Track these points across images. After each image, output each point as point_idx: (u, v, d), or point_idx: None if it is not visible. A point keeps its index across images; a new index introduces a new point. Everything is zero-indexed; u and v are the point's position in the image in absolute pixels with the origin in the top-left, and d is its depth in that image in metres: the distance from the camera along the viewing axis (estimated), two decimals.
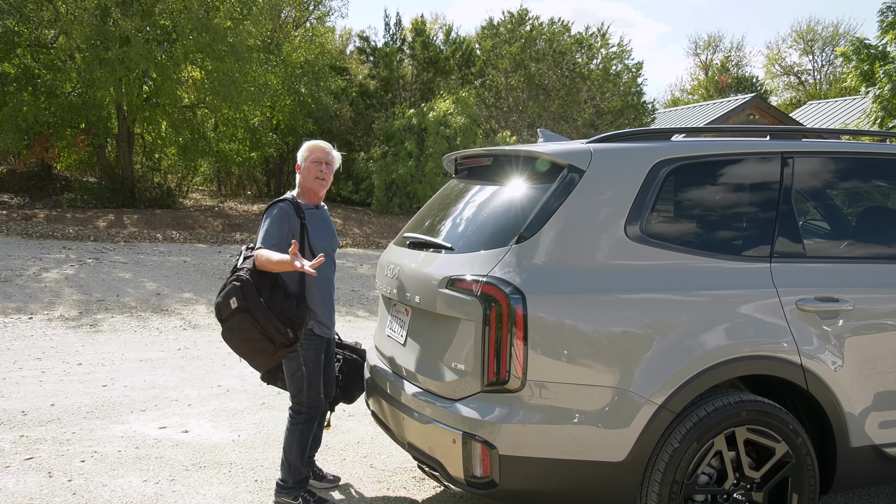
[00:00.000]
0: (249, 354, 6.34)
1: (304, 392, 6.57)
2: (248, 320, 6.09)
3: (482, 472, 5.06)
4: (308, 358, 6.54)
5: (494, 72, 38.30)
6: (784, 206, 5.67)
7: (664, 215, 5.52)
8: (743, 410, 5.21)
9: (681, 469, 5.09)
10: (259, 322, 6.09)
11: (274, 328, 6.11)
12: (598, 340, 5.04)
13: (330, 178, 6.78)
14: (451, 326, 5.43)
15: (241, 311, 6.11)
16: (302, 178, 6.71)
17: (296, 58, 36.04)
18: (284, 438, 6.63)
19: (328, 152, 6.74)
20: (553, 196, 5.32)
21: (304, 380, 6.55)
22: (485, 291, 5.08)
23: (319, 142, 6.83)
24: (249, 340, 6.18)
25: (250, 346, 6.24)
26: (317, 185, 6.68)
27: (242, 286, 6.14)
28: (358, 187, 34.25)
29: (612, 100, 37.97)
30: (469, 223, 6.05)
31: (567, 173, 5.38)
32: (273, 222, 6.40)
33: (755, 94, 47.36)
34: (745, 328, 5.27)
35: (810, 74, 77.38)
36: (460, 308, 5.27)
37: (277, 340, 6.14)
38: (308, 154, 6.69)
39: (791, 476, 5.38)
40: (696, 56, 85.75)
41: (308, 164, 6.66)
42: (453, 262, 5.56)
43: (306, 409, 6.58)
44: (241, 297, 6.10)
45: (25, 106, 26.57)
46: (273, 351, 6.20)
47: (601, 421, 5.01)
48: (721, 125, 30.50)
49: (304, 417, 6.58)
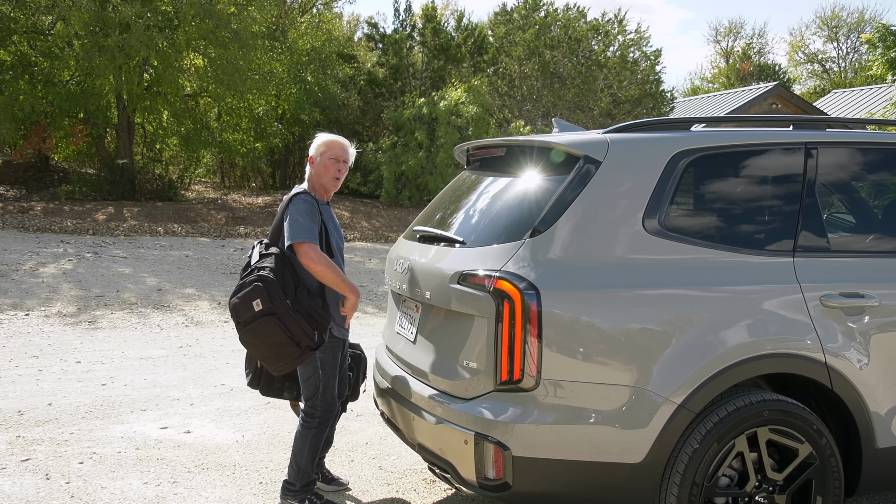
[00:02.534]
0: (272, 358, 6.15)
1: (319, 396, 6.49)
2: (275, 324, 5.94)
3: (495, 474, 5.05)
4: (325, 361, 6.46)
5: (508, 59, 38.24)
6: (808, 199, 5.65)
7: (683, 208, 5.52)
8: (765, 410, 5.20)
9: (701, 471, 5.07)
10: (287, 325, 5.94)
11: (301, 331, 5.99)
12: (615, 338, 5.04)
13: (345, 175, 6.72)
14: (464, 323, 5.43)
15: (266, 314, 5.94)
16: (316, 174, 6.56)
17: (302, 45, 36.05)
18: (295, 441, 6.57)
19: (347, 150, 6.65)
20: (568, 188, 5.31)
21: (320, 383, 6.47)
22: (497, 287, 5.06)
23: (338, 138, 6.70)
24: (273, 344, 6.02)
25: (274, 350, 6.07)
26: (333, 185, 6.59)
27: (267, 287, 5.98)
28: (366, 179, 34.17)
29: (630, 88, 37.89)
30: (482, 216, 6.05)
31: (583, 165, 5.37)
32: (305, 214, 6.25)
33: (778, 83, 47.31)
34: (768, 325, 5.26)
35: (835, 62, 77.22)
36: (472, 304, 5.27)
37: (304, 343, 6.02)
38: (326, 150, 6.55)
39: (815, 478, 5.36)
40: (716, 43, 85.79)
41: (326, 161, 6.52)
42: (465, 257, 5.56)
43: (321, 412, 6.51)
44: (267, 298, 5.93)
45: (22, 95, 26.52)
46: (298, 354, 6.07)
47: (618, 421, 5.00)
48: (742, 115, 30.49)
49: (317, 421, 6.51)
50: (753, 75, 72.25)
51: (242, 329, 6.09)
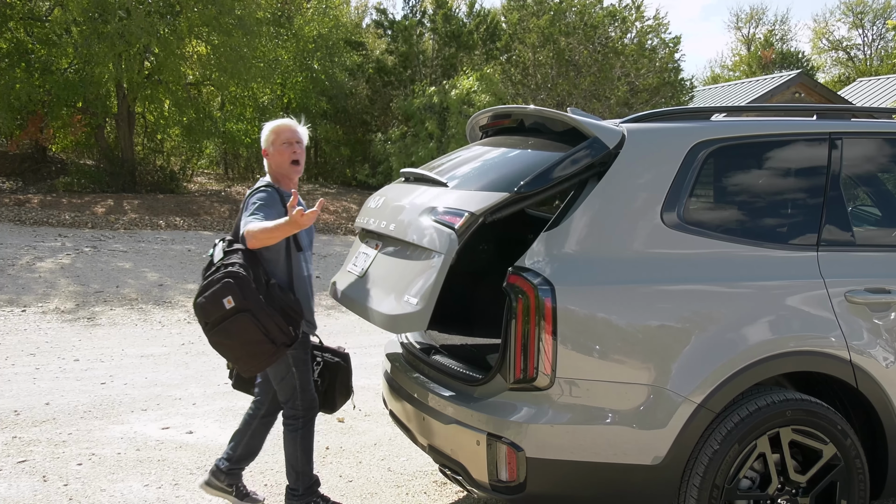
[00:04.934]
0: (245, 358, 6.02)
1: (297, 395, 6.42)
2: (250, 321, 5.78)
3: (508, 476, 5.03)
4: (298, 358, 6.38)
5: (521, 46, 38.13)
6: (832, 191, 5.65)
7: (703, 201, 5.51)
8: (788, 410, 5.19)
9: (721, 472, 5.07)
10: (262, 322, 5.80)
11: (277, 327, 5.87)
12: (632, 335, 5.04)
13: (304, 158, 6.56)
14: (419, 260, 5.43)
15: (239, 311, 5.78)
16: (275, 164, 6.47)
17: (308, 31, 35.99)
18: (285, 447, 6.53)
19: (296, 130, 6.51)
20: (584, 179, 5.30)
21: (296, 381, 6.40)
22: (510, 282, 5.06)
23: (284, 121, 6.58)
24: (248, 343, 5.87)
25: (248, 350, 5.93)
26: (293, 170, 6.48)
27: (239, 282, 5.82)
28: (375, 171, 34.07)
29: (648, 76, 37.78)
30: (484, 172, 6.05)
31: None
32: (263, 204, 6.16)
33: (801, 71, 47.27)
34: (791, 322, 5.27)
35: (860, 49, 76.99)
36: (435, 239, 5.26)
37: (279, 340, 5.91)
38: (275, 137, 6.44)
39: (839, 480, 5.35)
40: (737, 30, 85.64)
41: (279, 148, 6.41)
42: (447, 198, 5.57)
43: (303, 411, 6.46)
44: (240, 295, 5.77)
45: (18, 83, 26.57)
46: (273, 352, 5.94)
47: (636, 421, 5.00)
48: (764, 104, 30.39)
49: (302, 422, 6.46)
50: (776, 63, 72.09)
51: (212, 330, 5.92)
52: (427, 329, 6.17)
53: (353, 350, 12.34)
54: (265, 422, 6.80)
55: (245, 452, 6.75)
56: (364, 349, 12.24)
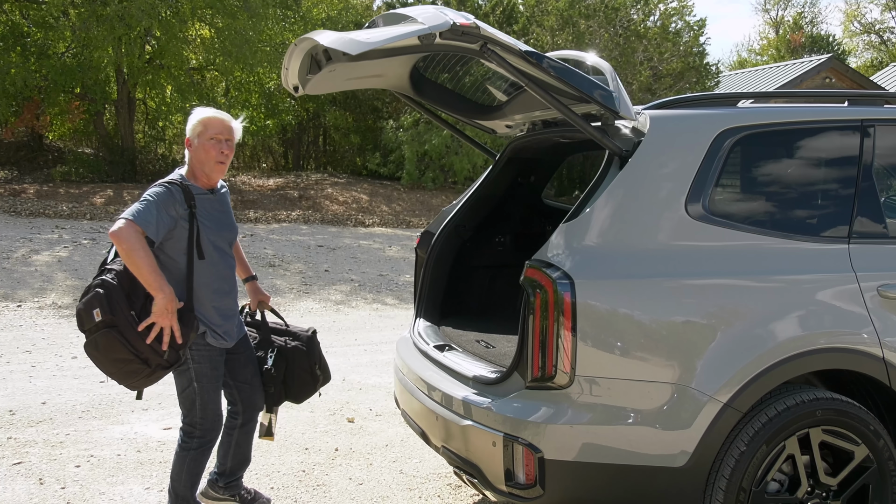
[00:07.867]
0: (118, 376, 5.68)
1: (196, 412, 6.07)
2: (115, 338, 5.45)
3: (525, 479, 5.02)
4: (201, 372, 6.01)
5: (539, 30, 38.09)
6: (864, 181, 5.63)
7: (729, 191, 5.50)
8: (818, 409, 5.16)
9: (748, 475, 5.05)
10: (129, 341, 5.47)
11: (148, 348, 5.53)
12: (655, 331, 5.03)
13: (231, 157, 6.13)
14: None
15: (106, 325, 5.44)
16: (197, 160, 6.00)
17: (317, 14, 35.99)
18: (173, 463, 6.18)
19: (228, 126, 6.05)
20: (605, 168, 5.32)
21: (196, 396, 6.04)
22: (528, 276, 5.07)
23: (217, 113, 6.07)
24: (116, 361, 5.56)
25: (119, 368, 5.61)
26: (217, 170, 6.05)
27: (108, 294, 5.47)
28: (386, 159, 34.15)
29: (672, 61, 37.72)
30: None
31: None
32: (154, 204, 5.67)
33: (831, 55, 47.03)
34: (821, 317, 5.25)
35: (893, 33, 76.75)
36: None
37: (153, 362, 5.60)
38: (202, 129, 5.95)
39: (872, 483, 5.33)
40: (765, 12, 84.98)
41: (204, 143, 5.93)
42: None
43: (201, 431, 6.11)
44: (107, 308, 5.43)
45: (13, 68, 26.62)
46: (148, 373, 5.65)
47: (659, 421, 4.99)
48: (793, 90, 30.34)
49: (196, 442, 6.11)
50: (805, 47, 71.87)
51: (86, 339, 5.62)
52: (441, 325, 6.17)
53: (363, 347, 12.38)
54: (246, 430, 6.55)
55: (236, 463, 6.58)
56: (375, 346, 12.28)
